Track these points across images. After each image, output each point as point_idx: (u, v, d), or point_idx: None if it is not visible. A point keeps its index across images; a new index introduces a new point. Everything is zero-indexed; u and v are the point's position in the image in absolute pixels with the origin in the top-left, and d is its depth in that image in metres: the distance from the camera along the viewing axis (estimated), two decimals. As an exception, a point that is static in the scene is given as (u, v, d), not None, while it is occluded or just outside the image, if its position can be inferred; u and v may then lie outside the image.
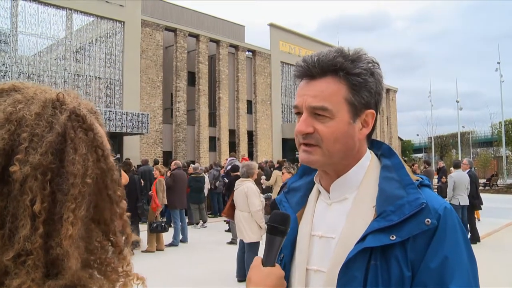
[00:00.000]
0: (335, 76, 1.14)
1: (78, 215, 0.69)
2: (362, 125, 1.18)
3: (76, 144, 0.72)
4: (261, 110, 35.05)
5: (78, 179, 0.70)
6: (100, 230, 0.76)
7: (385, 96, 46.28)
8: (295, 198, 1.36)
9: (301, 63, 1.19)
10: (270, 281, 1.10)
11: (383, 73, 1.21)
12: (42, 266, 0.68)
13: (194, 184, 12.89)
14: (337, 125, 1.14)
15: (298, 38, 38.58)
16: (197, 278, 7.37)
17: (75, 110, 0.76)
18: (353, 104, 1.15)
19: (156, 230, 9.45)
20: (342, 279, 1.09)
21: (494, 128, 50.31)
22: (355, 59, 1.15)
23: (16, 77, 21.73)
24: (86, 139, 0.74)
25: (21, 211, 0.67)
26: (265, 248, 1.16)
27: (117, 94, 25.64)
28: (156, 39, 28.04)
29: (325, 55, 1.16)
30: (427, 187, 1.17)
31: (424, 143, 60.47)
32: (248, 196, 6.74)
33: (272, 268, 1.13)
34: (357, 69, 1.14)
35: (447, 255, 1.03)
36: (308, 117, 1.16)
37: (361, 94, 1.15)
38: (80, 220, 0.70)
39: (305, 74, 1.18)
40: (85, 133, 0.75)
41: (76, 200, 0.70)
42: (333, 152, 1.16)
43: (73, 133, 0.73)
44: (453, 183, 10.03)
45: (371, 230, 1.08)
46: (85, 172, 0.72)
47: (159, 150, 27.49)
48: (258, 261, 1.16)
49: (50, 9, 23.31)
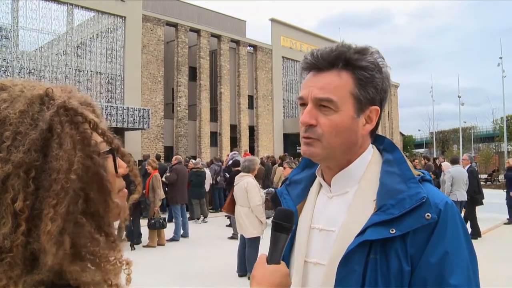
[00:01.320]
0: (343, 69, 1.15)
1: (58, 211, 0.69)
2: (365, 121, 1.18)
3: (62, 139, 0.72)
4: (262, 105, 35.03)
5: (62, 175, 0.70)
6: (93, 223, 0.76)
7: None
8: (296, 190, 1.36)
9: (308, 56, 1.19)
10: (274, 279, 1.09)
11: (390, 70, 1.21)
12: (21, 263, 0.68)
13: (195, 179, 12.88)
14: (341, 118, 1.14)
15: (300, 33, 38.48)
16: (198, 273, 7.38)
17: (64, 104, 0.75)
18: (359, 98, 1.15)
19: (154, 226, 9.47)
20: (341, 272, 1.09)
21: (496, 123, 50.31)
22: (361, 51, 1.16)
23: (18, 72, 21.74)
24: (73, 134, 0.74)
25: (3, 209, 0.67)
26: (270, 246, 1.15)
27: (118, 89, 25.64)
28: (157, 34, 28.00)
29: (331, 49, 1.16)
30: (428, 182, 1.17)
31: (425, 138, 60.43)
32: (248, 191, 6.73)
33: (277, 265, 1.12)
34: (364, 62, 1.14)
35: (447, 250, 1.03)
36: (313, 108, 1.16)
37: (367, 89, 1.15)
38: (61, 216, 0.69)
39: (312, 67, 1.19)
40: (73, 127, 0.74)
41: (58, 196, 0.69)
42: (334, 146, 1.16)
43: (60, 128, 0.72)
44: (451, 178, 10.02)
45: (371, 223, 1.08)
46: (70, 168, 0.71)
47: (160, 145, 27.51)
48: (262, 259, 1.15)
49: (51, 4, 23.28)
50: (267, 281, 1.09)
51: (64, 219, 0.69)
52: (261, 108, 34.91)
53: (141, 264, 8.09)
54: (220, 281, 6.95)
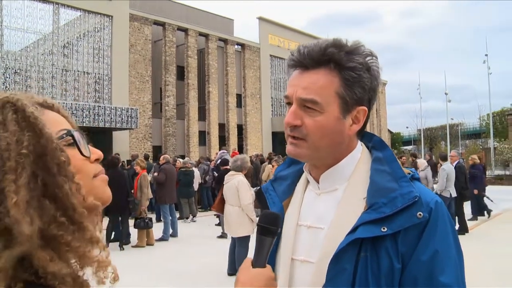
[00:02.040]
0: (328, 68, 1.12)
1: (20, 183, 0.70)
2: (352, 121, 1.16)
3: (6, 124, 0.74)
4: (251, 103, 35.01)
5: (13, 152, 0.71)
6: (56, 206, 0.75)
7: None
8: (282, 186, 1.35)
9: (295, 53, 1.16)
10: (258, 282, 1.08)
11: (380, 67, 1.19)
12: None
13: (183, 178, 12.85)
14: (326, 119, 1.12)
15: (288, 31, 38.48)
16: (188, 273, 7.37)
17: (8, 99, 0.78)
18: (345, 99, 1.12)
19: (139, 226, 9.44)
20: (331, 270, 1.08)
21: (482, 120, 50.81)
22: (351, 51, 1.12)
23: (3, 72, 21.49)
24: (17, 118, 0.76)
25: None
26: (255, 249, 1.14)
27: (106, 89, 25.43)
28: (145, 33, 27.85)
29: (318, 46, 1.12)
30: (417, 180, 1.17)
31: (413, 136, 60.76)
32: (239, 190, 6.72)
33: (262, 269, 1.10)
34: (352, 63, 1.11)
35: (437, 249, 1.04)
36: (297, 109, 1.14)
37: (354, 89, 1.12)
38: (24, 188, 0.70)
39: (298, 64, 1.16)
40: (17, 113, 0.76)
41: (16, 171, 0.70)
42: (320, 147, 1.14)
43: (2, 116, 0.75)
44: (446, 175, 10.11)
45: (362, 222, 1.08)
46: (20, 144, 0.73)
47: (148, 145, 27.38)
48: (248, 263, 1.13)
49: (36, 3, 23.01)
50: (251, 285, 1.07)
51: (27, 192, 0.70)
52: (250, 107, 34.89)
53: (130, 264, 8.10)
54: (210, 280, 6.94)
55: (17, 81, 22.01)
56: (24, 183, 0.70)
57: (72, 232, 0.75)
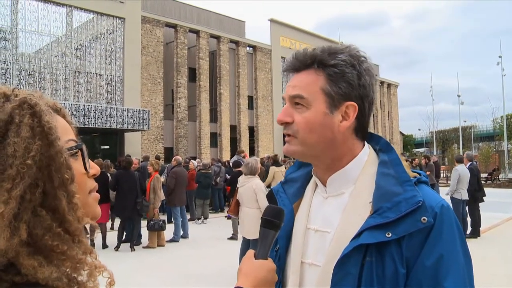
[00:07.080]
0: (314, 68, 1.18)
1: (13, 195, 0.69)
2: (342, 117, 1.17)
3: (20, 128, 0.73)
4: (262, 105, 35.05)
5: (17, 160, 0.71)
6: (54, 218, 0.75)
7: (386, 91, 46.02)
8: (292, 189, 1.36)
9: (289, 58, 1.23)
10: (260, 273, 1.10)
11: (379, 68, 1.20)
12: None
13: (203, 180, 13.12)
14: (314, 115, 1.15)
15: (299, 33, 38.49)
16: (198, 274, 7.39)
17: (26, 100, 0.77)
18: (330, 94, 1.15)
19: (153, 228, 9.48)
20: (337, 274, 1.08)
21: (496, 122, 50.28)
22: (335, 51, 1.17)
23: (17, 74, 21.76)
24: (33, 124, 0.75)
25: None
26: (259, 241, 1.16)
27: (118, 90, 25.63)
28: (157, 35, 28.02)
29: (306, 50, 1.20)
30: (424, 183, 1.16)
31: (426, 138, 60.41)
32: (257, 193, 6.74)
33: (264, 261, 1.13)
34: (334, 60, 1.15)
35: (442, 253, 1.03)
36: (289, 107, 1.20)
37: (338, 84, 1.15)
38: (15, 200, 0.69)
39: (290, 68, 1.23)
40: (35, 118, 0.76)
41: (13, 181, 0.70)
42: (310, 143, 1.17)
43: (19, 118, 0.74)
44: (458, 176, 10.03)
45: (367, 227, 1.08)
46: (27, 154, 0.72)
47: (160, 146, 27.52)
48: (250, 254, 1.16)
49: (50, 6, 23.28)
50: (253, 275, 1.10)
51: (19, 204, 0.70)
52: (261, 109, 34.93)
53: (141, 265, 8.15)
54: (220, 281, 6.94)
55: (31, 83, 22.25)
56: (18, 194, 0.70)
57: (67, 241, 0.76)
